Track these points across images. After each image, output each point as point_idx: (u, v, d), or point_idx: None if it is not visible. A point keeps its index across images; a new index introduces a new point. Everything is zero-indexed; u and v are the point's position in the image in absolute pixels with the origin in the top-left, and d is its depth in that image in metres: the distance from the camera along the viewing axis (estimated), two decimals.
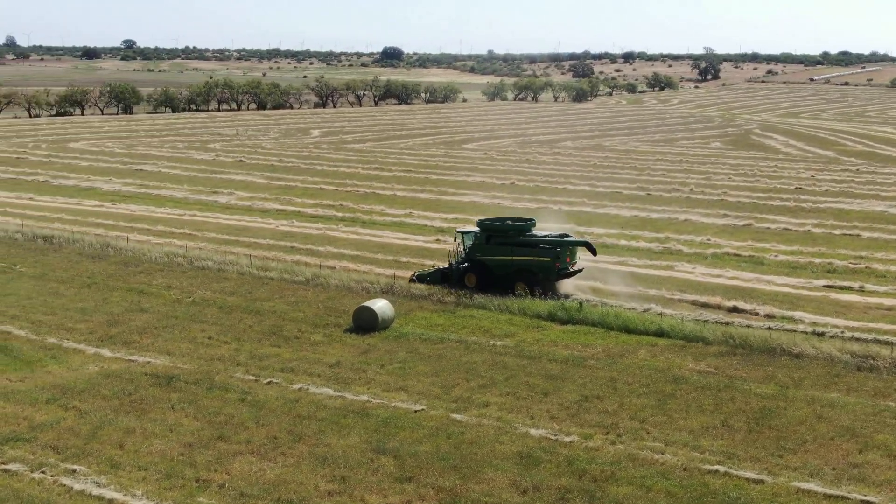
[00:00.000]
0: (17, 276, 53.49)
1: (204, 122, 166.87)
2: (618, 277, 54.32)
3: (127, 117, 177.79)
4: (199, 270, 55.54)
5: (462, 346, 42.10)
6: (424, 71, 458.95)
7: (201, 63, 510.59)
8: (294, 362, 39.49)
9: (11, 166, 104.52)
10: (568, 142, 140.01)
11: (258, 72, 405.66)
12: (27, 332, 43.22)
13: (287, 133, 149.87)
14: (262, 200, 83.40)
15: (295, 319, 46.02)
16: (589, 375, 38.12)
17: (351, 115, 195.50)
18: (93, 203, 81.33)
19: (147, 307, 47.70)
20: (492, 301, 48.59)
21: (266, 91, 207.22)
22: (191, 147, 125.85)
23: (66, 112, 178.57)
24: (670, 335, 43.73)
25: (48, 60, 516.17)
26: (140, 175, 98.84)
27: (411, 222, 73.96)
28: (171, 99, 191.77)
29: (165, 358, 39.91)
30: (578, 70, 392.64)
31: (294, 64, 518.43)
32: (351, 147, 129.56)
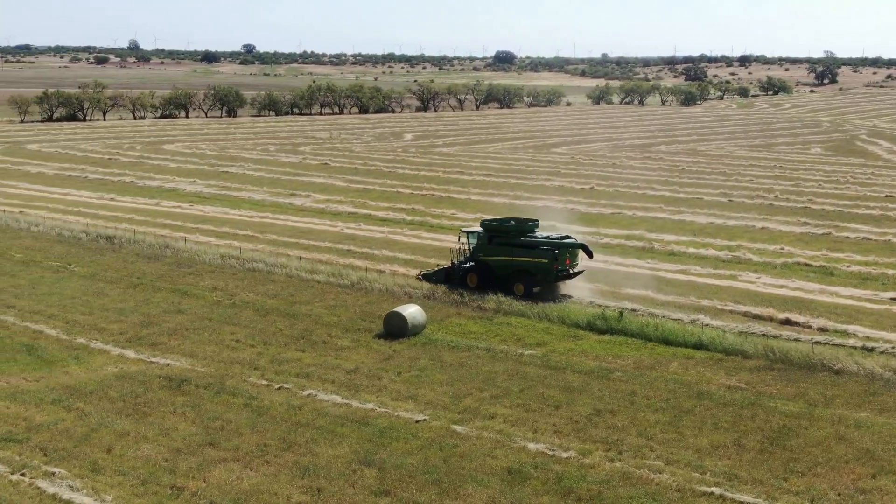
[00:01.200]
0: (68, 276, 54.17)
1: (302, 126, 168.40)
2: (640, 282, 53.47)
3: (228, 120, 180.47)
4: (248, 272, 55.53)
5: (488, 354, 41.10)
6: (535, 75, 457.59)
7: (317, 68, 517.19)
8: (312, 367, 38.98)
9: (102, 167, 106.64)
10: (662, 146, 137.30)
11: (371, 76, 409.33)
12: (59, 331, 43.59)
13: (380, 136, 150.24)
14: (337, 203, 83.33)
15: (328, 324, 45.56)
16: (609, 388, 36.77)
17: (449, 118, 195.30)
18: (171, 204, 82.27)
19: (185, 308, 47.76)
20: (531, 308, 47.48)
21: (367, 95, 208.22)
22: (282, 150, 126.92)
23: (170, 115, 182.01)
24: (709, 348, 42.06)
25: (168, 64, 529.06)
26: (224, 177, 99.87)
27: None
28: (274, 102, 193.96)
29: (187, 360, 39.79)
30: (691, 73, 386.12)
31: (407, 69, 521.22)
32: (439, 151, 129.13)
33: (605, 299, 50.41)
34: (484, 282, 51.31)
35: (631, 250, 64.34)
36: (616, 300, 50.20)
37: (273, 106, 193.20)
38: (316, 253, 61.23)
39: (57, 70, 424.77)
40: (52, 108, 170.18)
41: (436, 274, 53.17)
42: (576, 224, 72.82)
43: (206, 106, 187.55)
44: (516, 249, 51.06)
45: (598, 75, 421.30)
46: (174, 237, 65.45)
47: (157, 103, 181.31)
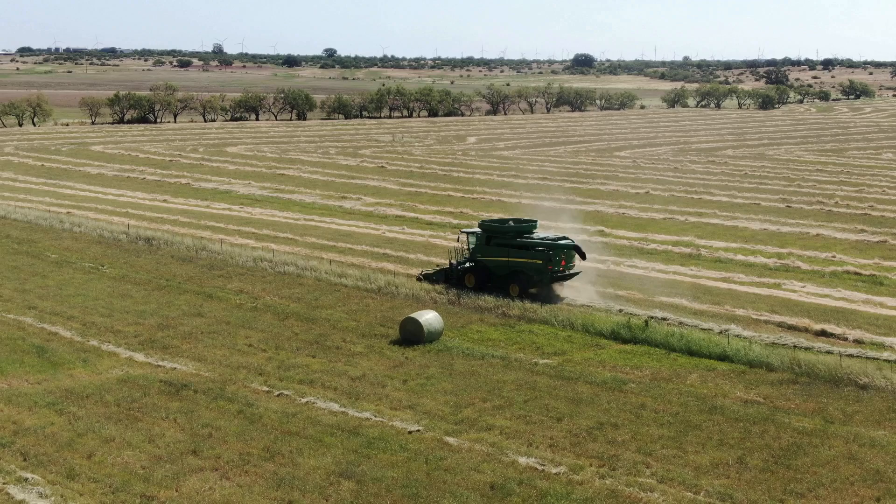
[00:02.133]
0: (98, 277, 54.16)
1: (368, 129, 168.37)
2: (677, 289, 52.28)
3: (296, 123, 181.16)
4: (278, 275, 55.04)
5: (501, 363, 39.97)
6: (614, 78, 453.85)
7: (396, 71, 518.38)
8: (318, 374, 38.21)
9: (161, 168, 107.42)
10: (729, 150, 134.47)
11: (448, 80, 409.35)
12: (74, 333, 43.41)
13: (443, 139, 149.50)
14: (386, 206, 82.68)
15: (346, 329, 44.80)
16: (618, 401, 35.42)
17: (517, 122, 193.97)
18: (221, 206, 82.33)
19: (205, 312, 47.34)
20: (556, 316, 46.26)
21: (436, 98, 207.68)
22: (342, 153, 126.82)
23: (240, 117, 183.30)
24: (733, 360, 40.51)
25: (250, 68, 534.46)
26: (279, 179, 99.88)
27: None
28: (343, 106, 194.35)
29: (194, 364, 39.28)
30: (772, 77, 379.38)
31: (485, 72, 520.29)
32: (498, 154, 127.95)
33: (637, 307, 48.98)
34: (481, 282, 51.25)
35: (676, 257, 62.67)
36: (646, 308, 48.74)
37: (342, 109, 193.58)
38: (351, 256, 60.59)
39: (139, 73, 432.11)
40: (123, 110, 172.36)
41: (436, 274, 52.97)
42: (627, 229, 71.51)
43: (275, 109, 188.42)
44: (512, 250, 50.75)
45: (677, 78, 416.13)
46: (213, 239, 65.27)
47: (227, 106, 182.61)
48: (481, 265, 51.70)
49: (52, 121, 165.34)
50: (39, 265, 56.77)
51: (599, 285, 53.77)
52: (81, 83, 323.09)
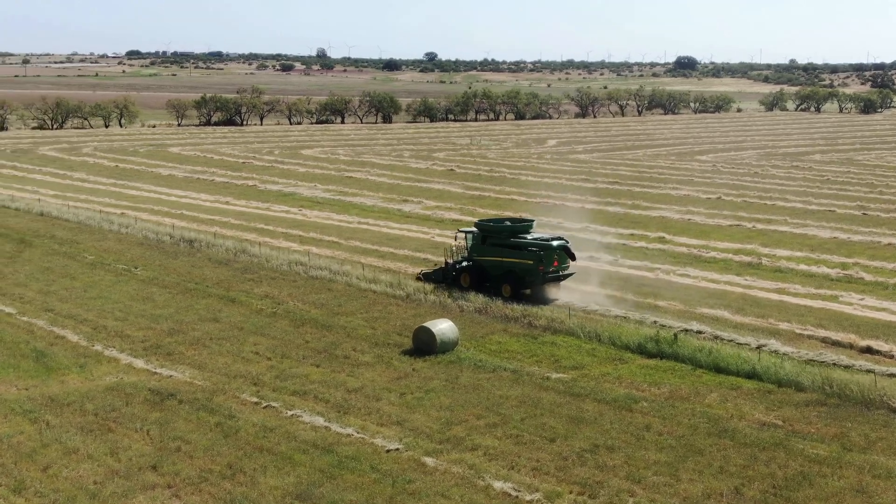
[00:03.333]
0: (127, 280, 53.38)
1: (449, 132, 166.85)
2: (723, 300, 49.54)
3: (379, 126, 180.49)
4: (308, 280, 53.66)
5: (512, 376, 37.87)
6: (716, 80, 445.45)
7: (494, 75, 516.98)
8: (315, 385, 36.58)
9: (232, 170, 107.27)
10: (817, 155, 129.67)
11: (545, 83, 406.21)
12: (81, 337, 42.51)
13: (522, 143, 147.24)
14: (446, 210, 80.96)
15: (360, 337, 43.14)
16: (622, 421, 33.06)
17: (603, 125, 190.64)
18: (280, 208, 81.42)
19: (222, 317, 46.10)
20: (583, 327, 43.93)
21: (523, 101, 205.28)
22: (416, 156, 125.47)
23: (326, 120, 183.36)
24: (762, 377, 37.79)
25: (351, 72, 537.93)
26: (346, 182, 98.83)
27: (581, 237, 69.28)
28: (429, 109, 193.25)
29: (191, 372, 37.99)
30: (877, 80, 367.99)
31: (584, 75, 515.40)
32: (575, 157, 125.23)
33: (674, 319, 46.41)
34: (477, 282, 50.71)
35: (734, 265, 59.72)
36: (684, 320, 46.13)
37: (427, 112, 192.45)
38: (391, 261, 58.96)
39: (242, 77, 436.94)
40: (210, 112, 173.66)
41: (434, 273, 52.59)
42: (689, 236, 68.78)
43: (360, 112, 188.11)
44: (506, 250, 50.23)
45: (780, 81, 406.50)
46: (256, 242, 64.24)
47: (312, 109, 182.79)
48: (477, 265, 51.20)
49: (139, 122, 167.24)
50: (72, 266, 56.27)
51: (640, 295, 51.30)
52: (182, 86, 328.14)
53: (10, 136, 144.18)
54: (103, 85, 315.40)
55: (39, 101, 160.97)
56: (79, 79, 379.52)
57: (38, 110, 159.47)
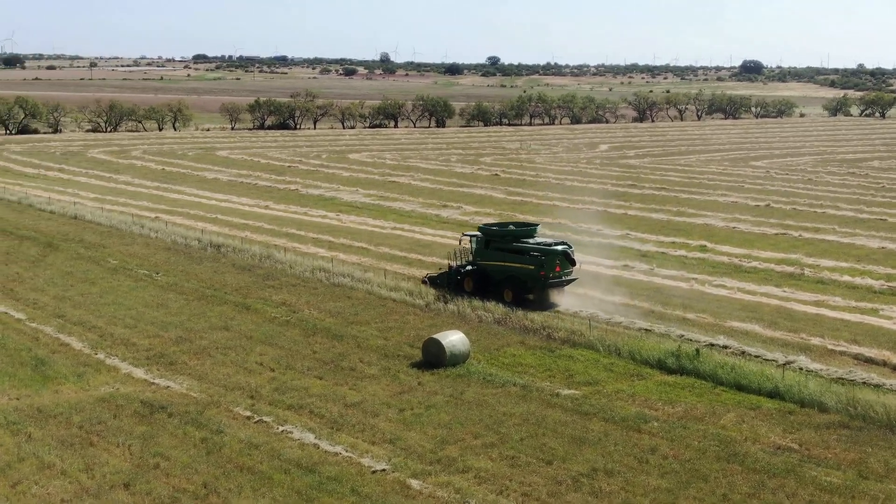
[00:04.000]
0: (146, 285, 52.51)
1: (500, 136, 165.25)
2: (755, 313, 47.13)
3: (431, 130, 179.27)
4: (329, 287, 52.44)
5: (520, 392, 36.30)
6: (781, 85, 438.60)
7: (556, 79, 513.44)
8: (313, 399, 35.27)
9: (277, 175, 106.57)
10: (875, 161, 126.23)
11: (607, 87, 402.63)
12: (86, 345, 41.61)
13: (573, 147, 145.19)
14: (485, 215, 79.32)
15: (370, 347, 41.78)
16: (628, 442, 31.34)
17: (660, 129, 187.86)
18: (317, 213, 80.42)
19: (234, 325, 44.98)
20: (602, 341, 42.17)
21: (579, 105, 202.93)
22: (463, 160, 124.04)
23: (380, 125, 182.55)
24: (784, 397, 35.84)
25: (413, 76, 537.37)
26: (388, 187, 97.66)
27: (620, 245, 67.49)
28: (483, 113, 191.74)
29: (189, 383, 36.88)
30: None
31: (647, 79, 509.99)
32: (624, 162, 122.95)
33: (701, 332, 44.56)
34: (480, 287, 50.03)
35: (774, 276, 57.56)
36: (711, 334, 44.25)
37: (482, 116, 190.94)
38: (417, 268, 57.54)
39: (304, 81, 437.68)
40: (263, 116, 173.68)
41: (439, 277, 52.09)
42: (732, 244, 66.71)
43: (414, 116, 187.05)
44: (508, 255, 49.73)
45: (847, 86, 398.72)
46: (285, 247, 63.23)
47: (366, 113, 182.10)
48: (481, 269, 50.72)
49: (192, 126, 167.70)
50: (94, 271, 55.57)
51: (669, 307, 49.42)
52: (244, 90, 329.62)
53: (62, 139, 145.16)
54: (166, 88, 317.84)
55: (94, 104, 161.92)
56: (143, 82, 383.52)
57: (93, 113, 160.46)
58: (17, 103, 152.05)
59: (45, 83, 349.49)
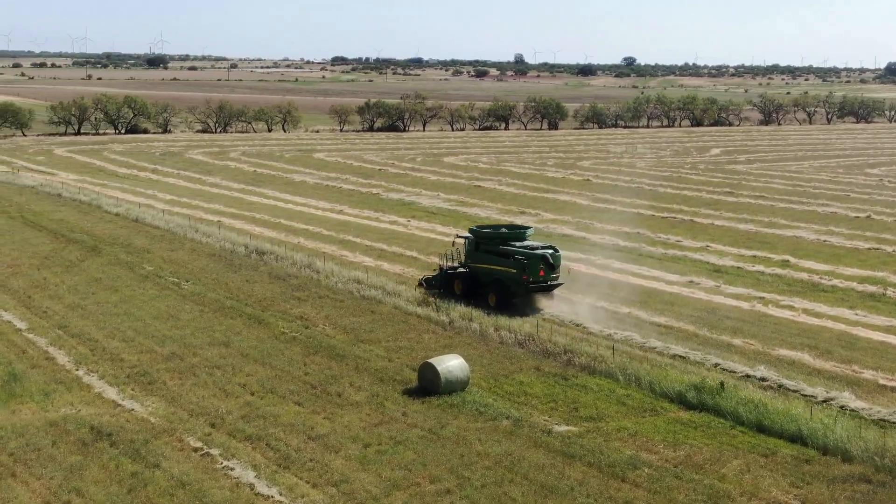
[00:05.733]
0: (168, 295, 50.37)
1: (610, 139, 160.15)
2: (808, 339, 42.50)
3: (541, 133, 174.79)
4: (357, 300, 49.56)
5: (510, 427, 32.87)
6: None
7: (691, 80, 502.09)
8: (277, 429, 32.37)
9: (364, 178, 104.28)
10: None
11: (744, 88, 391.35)
12: (71, 359, 39.57)
13: (682, 151, 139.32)
14: (561, 224, 75.63)
15: (370, 369, 38.75)
16: (604, 494, 27.63)
17: (783, 133, 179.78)
18: (388, 219, 77.69)
19: (236, 340, 42.39)
20: (624, 369, 38.22)
21: (700, 107, 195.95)
22: (560, 164, 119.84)
23: (490, 126, 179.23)
24: (805, 442, 31.58)
25: (545, 78, 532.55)
26: (471, 192, 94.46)
27: (695, 258, 62.95)
28: (598, 115, 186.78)
29: (157, 407, 34.42)
30: None
31: (787, 80, 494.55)
32: (730, 168, 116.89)
33: (740, 361, 40.43)
34: (469, 290, 49.37)
35: (853, 296, 52.72)
36: (752, 363, 40.04)
37: (596, 118, 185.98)
38: None
39: (434, 83, 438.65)
40: (373, 118, 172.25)
41: (434, 279, 51.39)
42: (817, 260, 61.95)
43: (525, 118, 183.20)
44: (494, 257, 48.83)
45: None
46: (334, 254, 60.90)
47: (476, 115, 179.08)
48: (471, 272, 49.88)
49: (302, 127, 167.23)
50: (123, 279, 53.77)
51: (717, 330, 45.16)
52: (373, 91, 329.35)
53: (167, 139, 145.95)
54: (296, 90, 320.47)
55: (203, 105, 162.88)
56: (277, 83, 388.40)
57: (202, 114, 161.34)
58: (126, 103, 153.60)
59: (181, 83, 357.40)
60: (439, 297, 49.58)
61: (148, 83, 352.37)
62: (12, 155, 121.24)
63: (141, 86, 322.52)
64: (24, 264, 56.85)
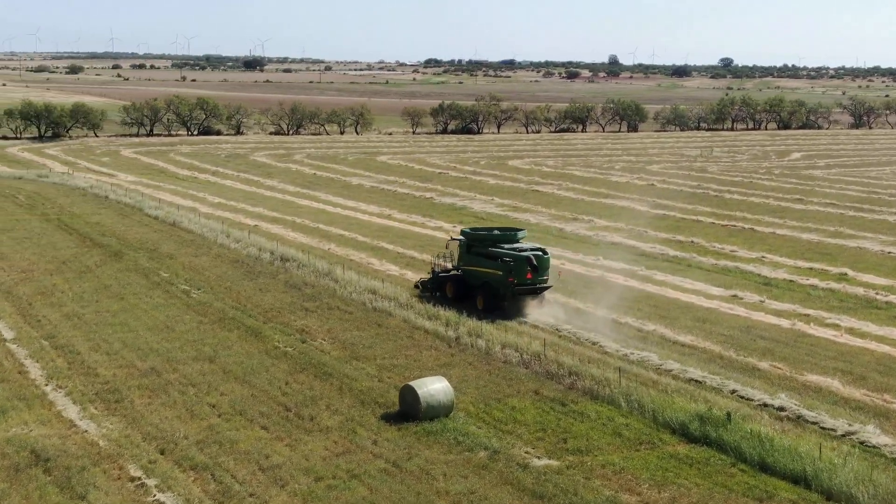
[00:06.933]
0: (172, 304, 48.31)
1: (687, 142, 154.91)
2: (843, 363, 38.59)
3: (618, 135, 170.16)
4: (367, 312, 47.07)
5: (484, 460, 30.08)
6: None
7: (788, 81, 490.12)
8: (230, 457, 29.96)
9: (422, 181, 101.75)
10: None
11: (842, 90, 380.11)
12: (44, 373, 37.69)
13: (760, 155, 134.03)
14: (613, 231, 72.27)
15: (354, 390, 36.18)
16: None
17: (871, 137, 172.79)
18: (434, 224, 75.09)
19: (223, 356, 40.07)
20: (628, 395, 35.04)
21: (788, 109, 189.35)
22: (628, 168, 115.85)
23: (567, 129, 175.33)
24: (810, 484, 28.18)
25: (637, 79, 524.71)
26: (527, 196, 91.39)
27: (747, 269, 59.22)
28: (679, 117, 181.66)
29: (112, 428, 32.28)
30: None
31: (888, 83, 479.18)
32: (808, 174, 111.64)
33: (762, 388, 37.03)
34: (460, 292, 48.54)
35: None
36: (773, 391, 36.51)
37: (678, 121, 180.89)
38: None
39: (524, 84, 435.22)
40: (446, 120, 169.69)
41: (429, 281, 50.40)
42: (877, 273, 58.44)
43: (603, 120, 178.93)
44: (484, 260, 47.86)
45: None
46: (360, 262, 58.74)
47: (552, 117, 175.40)
48: (463, 274, 49.02)
49: (375, 129, 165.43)
50: (134, 286, 51.94)
51: (745, 352, 41.71)
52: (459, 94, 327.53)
53: (236, 141, 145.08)
54: (384, 92, 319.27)
55: (276, 107, 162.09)
56: (366, 85, 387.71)
57: (275, 116, 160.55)
58: (198, 104, 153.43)
59: (272, 85, 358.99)
60: (451, 307, 47.00)
61: (239, 85, 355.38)
62: (78, 156, 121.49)
63: (232, 87, 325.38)
64: (38, 269, 55.44)
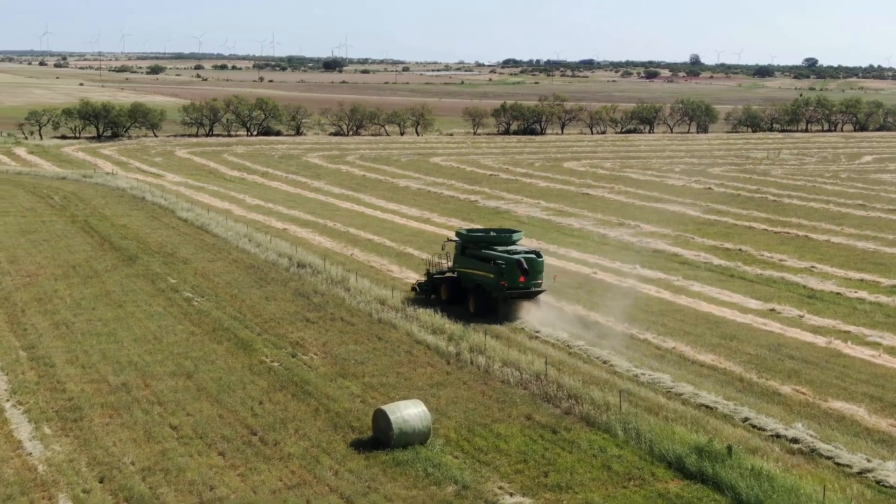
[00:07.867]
0: (169, 312, 46.11)
1: (758, 143, 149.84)
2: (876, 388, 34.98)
3: (685, 136, 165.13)
4: (372, 324, 44.56)
5: (449, 496, 27.37)
6: None
7: (874, 83, 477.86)
8: (171, 487, 27.66)
9: (470, 184, 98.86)
10: None
11: None
12: (7, 388, 35.75)
13: (829, 158, 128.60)
14: (659, 238, 68.82)
15: (329, 412, 33.63)
16: None
17: None
18: None
19: (203, 371, 37.74)
20: (626, 422, 31.93)
21: (865, 111, 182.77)
22: (687, 171, 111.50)
23: (634, 129, 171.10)
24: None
25: (718, 79, 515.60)
26: (574, 199, 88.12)
27: (793, 280, 55.54)
28: (751, 118, 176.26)
29: (57, 451, 30.17)
30: None
31: None
32: (875, 178, 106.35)
33: (780, 414, 33.84)
34: (454, 295, 47.65)
35: None
36: (790, 419, 33.20)
37: (750, 122, 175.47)
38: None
39: (600, 84, 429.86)
40: (508, 121, 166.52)
41: (425, 283, 49.35)
42: None
43: (671, 121, 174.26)
44: (477, 262, 46.79)
45: None
46: (380, 269, 56.29)
47: (618, 118, 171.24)
48: (457, 276, 48.07)
49: (436, 130, 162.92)
50: (136, 292, 49.91)
51: (769, 374, 38.24)
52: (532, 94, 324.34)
53: (293, 141, 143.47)
54: (458, 93, 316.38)
55: (336, 107, 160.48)
56: (442, 86, 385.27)
57: (335, 116, 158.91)
58: (258, 105, 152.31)
59: (348, 86, 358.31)
60: (453, 315, 44.58)
61: (315, 85, 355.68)
62: (132, 156, 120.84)
63: (307, 88, 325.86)
64: (45, 274, 53.77)
